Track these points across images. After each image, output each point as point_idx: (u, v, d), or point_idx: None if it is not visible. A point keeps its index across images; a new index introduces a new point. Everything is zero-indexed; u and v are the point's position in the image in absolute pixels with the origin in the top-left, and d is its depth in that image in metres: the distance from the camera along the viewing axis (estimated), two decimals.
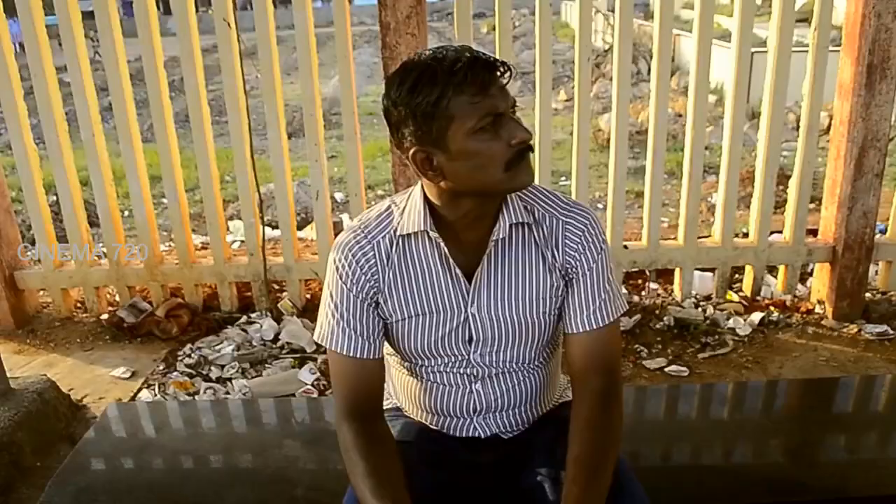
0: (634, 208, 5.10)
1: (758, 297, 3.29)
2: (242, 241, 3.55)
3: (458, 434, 1.41)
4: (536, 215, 1.32)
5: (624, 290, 3.29)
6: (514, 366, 1.37)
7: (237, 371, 2.85)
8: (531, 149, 1.23)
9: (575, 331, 1.33)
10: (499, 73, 1.19)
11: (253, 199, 3.19)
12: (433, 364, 1.36)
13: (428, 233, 1.28)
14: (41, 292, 3.52)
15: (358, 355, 1.30)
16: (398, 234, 1.30)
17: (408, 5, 2.68)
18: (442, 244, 1.28)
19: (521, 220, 1.30)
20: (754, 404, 2.10)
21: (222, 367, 2.89)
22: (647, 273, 3.34)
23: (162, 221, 4.88)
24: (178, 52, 3.03)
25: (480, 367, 1.35)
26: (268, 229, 3.80)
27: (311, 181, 3.19)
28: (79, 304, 3.50)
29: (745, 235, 3.34)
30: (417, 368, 1.38)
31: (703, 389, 2.28)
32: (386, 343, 1.42)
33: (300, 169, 5.98)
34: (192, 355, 2.97)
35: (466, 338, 1.33)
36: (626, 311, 3.03)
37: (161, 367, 2.94)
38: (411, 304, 1.31)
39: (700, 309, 3.19)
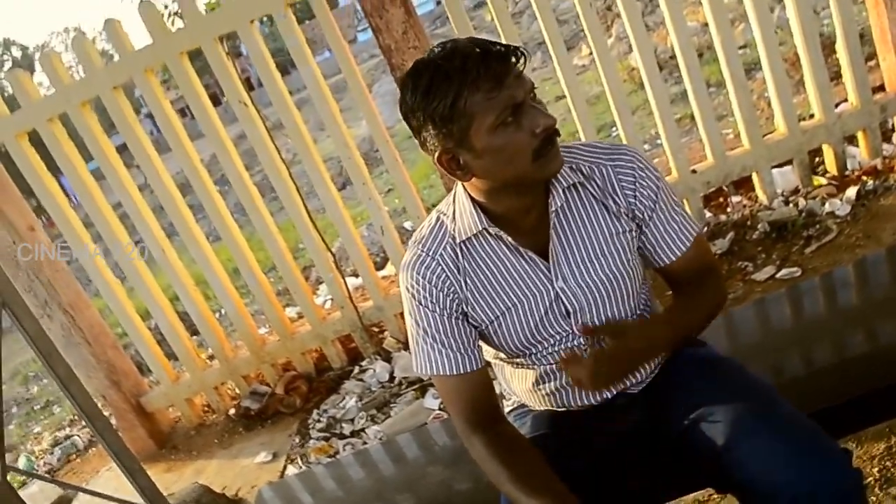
0: (694, 132, 4.95)
1: (846, 172, 3.13)
2: (332, 299, 3.63)
3: (587, 403, 1.39)
4: (584, 171, 1.30)
5: (708, 214, 3.18)
6: (618, 322, 1.34)
7: (366, 420, 2.91)
8: (557, 133, 1.21)
9: (667, 262, 1.32)
10: (513, 61, 1.17)
11: (325, 258, 3.26)
12: (541, 349, 1.34)
13: (487, 230, 1.27)
14: (169, 409, 3.67)
15: (462, 371, 1.29)
16: (458, 240, 1.29)
17: (400, 22, 2.70)
18: (504, 236, 1.27)
19: (572, 182, 1.28)
20: (881, 278, 1.99)
21: (352, 420, 2.95)
22: (725, 188, 3.23)
23: (256, 308, 5.04)
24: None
25: (585, 336, 1.33)
26: (353, 279, 3.87)
27: (372, 220, 3.24)
28: (205, 408, 3.64)
29: (813, 117, 3.19)
30: (527, 359, 1.37)
31: (823, 280, 2.14)
32: (488, 347, 1.42)
33: (364, 212, 6.08)
34: (322, 419, 3.04)
35: (564, 313, 1.31)
36: (714, 231, 2.97)
37: (297, 440, 3.02)
38: (499, 301, 1.30)
39: (791, 205, 3.06)
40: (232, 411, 3.45)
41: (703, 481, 1.43)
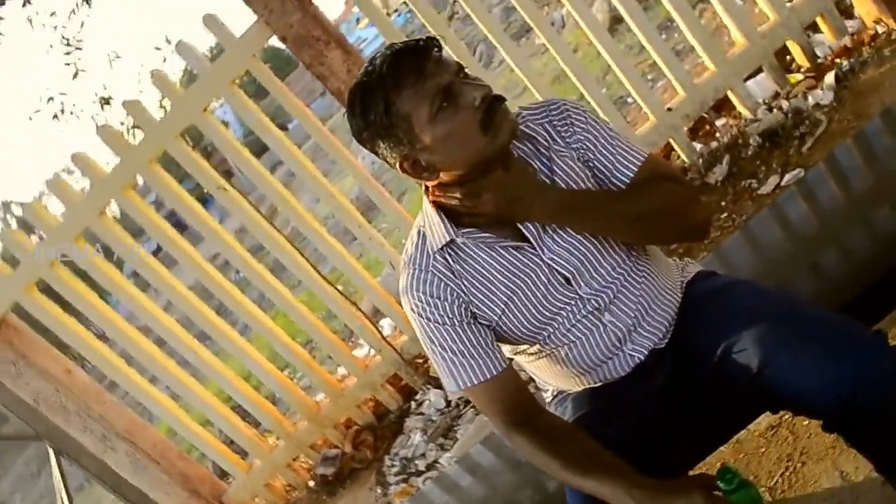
0: (660, 83, 4.90)
1: (819, 61, 3.08)
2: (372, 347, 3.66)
3: (621, 373, 1.38)
4: (530, 135, 1.33)
5: (698, 146, 3.14)
6: (619, 270, 1.33)
7: (437, 450, 2.92)
8: (500, 99, 1.23)
9: (625, 180, 1.32)
10: (427, 50, 1.20)
11: (350, 310, 3.29)
12: (556, 329, 1.34)
13: (455, 240, 1.29)
14: (254, 500, 3.70)
15: (487, 376, 1.29)
16: (439, 248, 1.31)
17: (341, 63, 2.73)
18: (475, 234, 1.29)
19: (522, 152, 1.31)
20: (885, 140, 1.94)
21: (423, 455, 2.96)
22: (706, 116, 3.20)
23: (308, 382, 5.05)
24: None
25: (595, 298, 1.32)
26: (389, 321, 3.88)
27: (381, 258, 3.28)
28: (287, 488, 3.66)
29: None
30: (546, 343, 1.36)
31: (829, 163, 2.04)
32: (510, 346, 1.42)
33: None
34: (395, 463, 3.05)
35: (563, 281, 1.31)
36: (708, 160, 2.95)
37: (379, 491, 3.03)
38: (498, 293, 1.31)
39: (775, 110, 3.01)
40: (311, 483, 3.48)
41: (755, 409, 1.42)
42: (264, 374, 3.40)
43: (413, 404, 3.30)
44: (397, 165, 1.25)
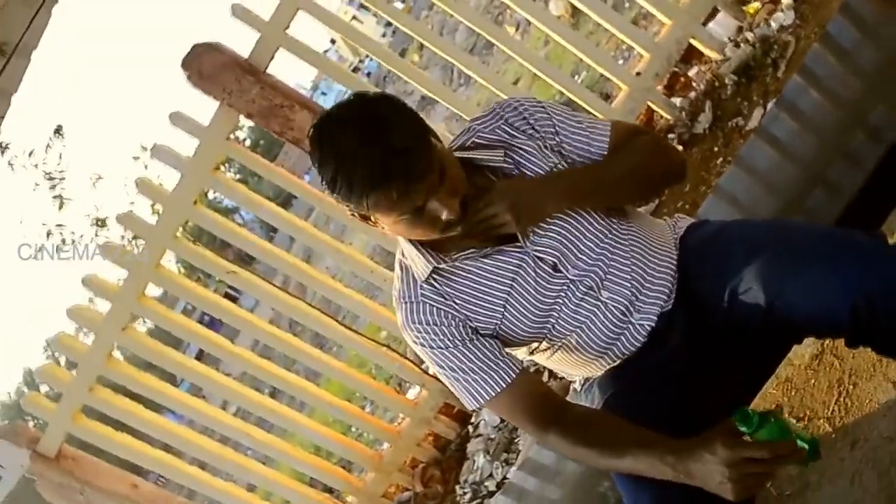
0: (634, 53, 4.87)
1: None
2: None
3: (636, 344, 1.36)
4: (492, 142, 1.33)
5: (678, 100, 3.12)
6: (603, 245, 1.32)
7: (502, 467, 2.90)
8: (463, 206, 1.24)
9: (603, 151, 1.33)
10: (418, 163, 1.16)
11: (384, 353, 3.31)
12: (557, 319, 1.33)
13: (438, 268, 1.30)
14: None
15: (504, 385, 1.29)
16: (424, 279, 1.31)
17: (308, 122, 2.75)
18: (456, 265, 1.30)
19: (489, 161, 1.31)
20: (852, 34, 1.92)
21: (491, 475, 2.94)
22: (677, 69, 3.18)
23: (371, 437, 5.08)
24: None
25: (586, 278, 1.31)
26: None
27: None
28: None
29: None
30: (553, 335, 1.35)
31: (803, 74, 2.03)
32: (521, 350, 1.41)
33: None
34: (466, 490, 3.04)
35: (551, 268, 1.30)
36: (691, 111, 2.93)
37: None
38: (493, 300, 1.31)
39: (742, 44, 2.98)
40: None
41: (780, 345, 1.40)
42: (322, 439, 3.43)
43: (470, 428, 3.29)
44: (358, 216, 1.26)
